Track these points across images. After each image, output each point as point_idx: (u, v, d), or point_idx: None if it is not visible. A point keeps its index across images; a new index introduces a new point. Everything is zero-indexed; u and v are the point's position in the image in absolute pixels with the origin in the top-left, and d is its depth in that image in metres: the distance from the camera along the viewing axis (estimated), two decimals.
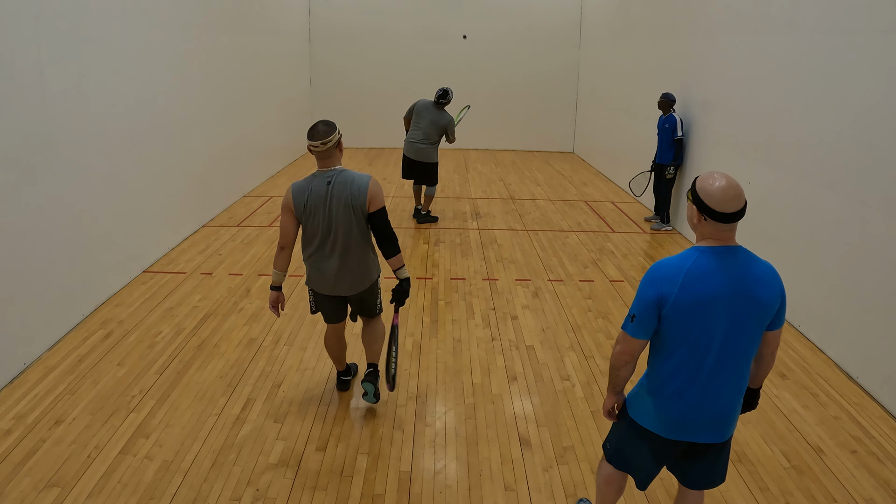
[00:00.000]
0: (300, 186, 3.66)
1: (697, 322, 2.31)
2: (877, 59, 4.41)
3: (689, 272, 2.31)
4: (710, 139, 7.16)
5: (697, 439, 2.46)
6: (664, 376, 2.44)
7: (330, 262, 3.71)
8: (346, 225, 3.63)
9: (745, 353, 2.39)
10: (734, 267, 2.32)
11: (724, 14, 6.82)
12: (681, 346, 2.37)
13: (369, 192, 3.62)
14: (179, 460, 3.55)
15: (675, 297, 2.31)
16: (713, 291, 2.29)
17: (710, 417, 2.42)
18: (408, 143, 7.99)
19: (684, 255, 2.37)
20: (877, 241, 4.38)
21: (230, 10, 8.85)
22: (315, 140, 3.61)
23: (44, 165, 4.71)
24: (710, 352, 2.35)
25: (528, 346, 4.97)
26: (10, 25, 4.32)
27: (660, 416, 2.48)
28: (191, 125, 7.41)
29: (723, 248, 2.35)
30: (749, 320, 2.33)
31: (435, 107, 7.86)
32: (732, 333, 2.33)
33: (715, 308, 2.30)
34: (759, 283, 2.34)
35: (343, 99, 14.08)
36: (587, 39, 13.42)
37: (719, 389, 2.39)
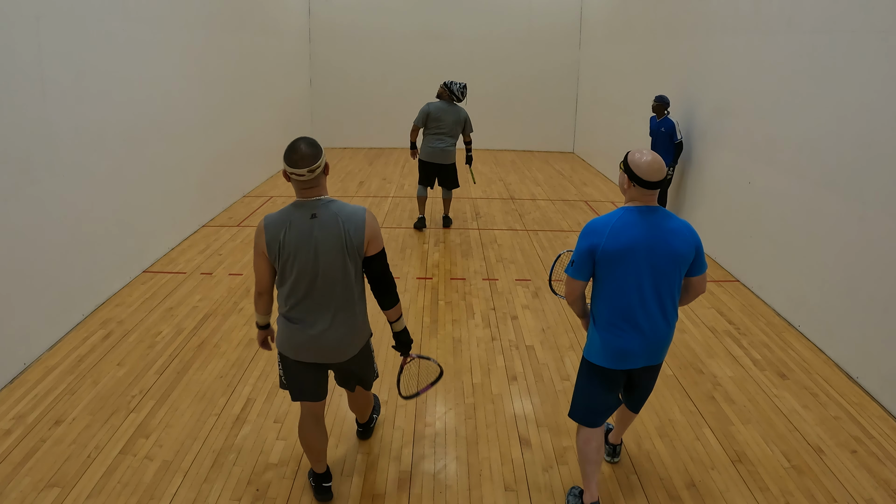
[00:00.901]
0: (274, 220, 2.85)
1: (623, 266, 2.83)
2: (876, 59, 4.42)
3: (614, 226, 2.84)
4: (709, 139, 7.16)
5: (637, 365, 3.00)
6: (605, 314, 2.95)
7: (315, 318, 2.92)
8: (339, 270, 2.87)
9: (669, 293, 2.89)
10: (653, 222, 2.83)
11: (724, 14, 6.82)
12: (614, 288, 2.89)
13: (367, 229, 2.87)
14: (179, 460, 3.55)
15: (603, 246, 2.83)
16: (634, 240, 2.81)
17: (644, 346, 2.95)
18: (432, 149, 7.60)
19: (612, 214, 2.90)
20: (876, 240, 4.38)
21: (230, 10, 8.84)
22: (299, 168, 2.75)
23: (44, 165, 4.71)
24: (639, 292, 2.86)
25: (528, 346, 4.97)
26: (10, 25, 4.32)
27: (605, 351, 2.98)
28: (191, 125, 7.41)
29: (645, 207, 2.86)
30: (668, 266, 2.84)
31: (450, 105, 7.57)
32: (655, 277, 2.84)
33: (636, 254, 2.81)
34: (674, 236, 2.84)
35: (343, 99, 14.08)
36: (587, 39, 13.42)
37: (649, 323, 2.91)
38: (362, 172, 11.55)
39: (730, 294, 6.04)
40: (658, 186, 2.83)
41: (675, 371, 4.62)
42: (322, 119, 14.19)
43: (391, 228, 7.98)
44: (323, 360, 3.01)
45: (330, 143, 14.37)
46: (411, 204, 9.19)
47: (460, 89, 7.53)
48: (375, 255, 2.94)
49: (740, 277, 6.36)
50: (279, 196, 9.50)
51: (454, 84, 7.54)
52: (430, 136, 7.60)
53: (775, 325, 5.39)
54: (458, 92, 7.53)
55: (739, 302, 5.85)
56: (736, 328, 5.32)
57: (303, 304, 2.94)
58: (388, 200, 9.45)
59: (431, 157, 7.64)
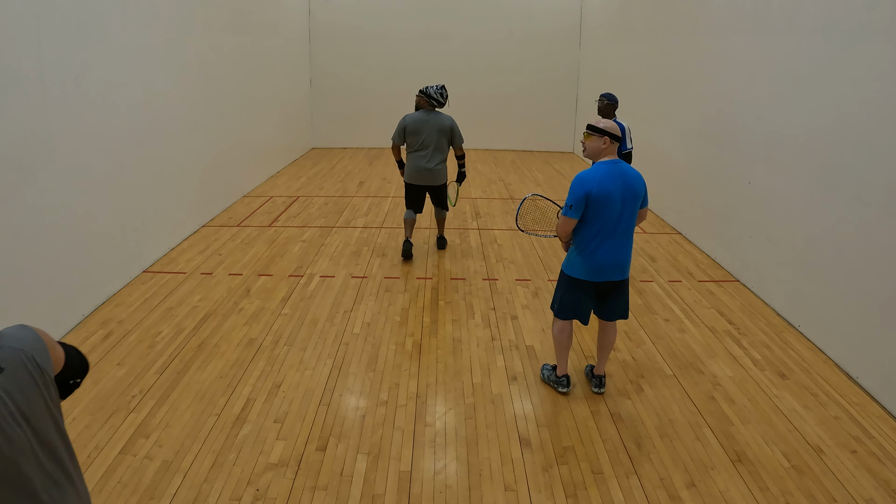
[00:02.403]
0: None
1: (608, 205, 3.83)
2: (877, 59, 4.41)
3: (601, 177, 3.84)
4: (709, 139, 7.16)
5: (611, 278, 3.98)
6: (587, 240, 3.93)
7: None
8: None
9: (631, 221, 3.95)
10: (621, 170, 3.88)
11: (724, 14, 6.82)
12: (598, 221, 3.87)
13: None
14: (179, 460, 3.55)
15: (595, 192, 3.82)
16: (614, 186, 3.84)
17: (615, 263, 3.96)
18: (417, 168, 6.51)
19: (596, 168, 3.91)
20: (876, 241, 4.38)
21: (230, 11, 8.85)
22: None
23: (44, 165, 4.71)
24: (614, 222, 3.88)
25: (528, 346, 4.97)
26: (10, 25, 4.32)
27: (586, 267, 3.97)
28: (191, 125, 7.41)
29: (613, 160, 3.92)
30: (631, 202, 3.89)
31: (430, 114, 6.53)
32: (624, 210, 3.87)
33: (614, 196, 3.83)
34: (634, 180, 3.90)
35: (343, 99, 14.08)
36: (587, 40, 13.42)
37: (619, 245, 3.94)
38: (362, 172, 11.55)
39: (730, 294, 6.04)
40: (616, 141, 3.95)
41: (675, 371, 4.62)
42: (322, 119, 14.19)
43: (391, 228, 7.98)
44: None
45: (330, 143, 14.38)
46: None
47: (438, 91, 6.53)
48: None
49: (740, 277, 6.36)
50: (279, 196, 9.51)
51: (430, 88, 6.54)
52: (413, 153, 6.55)
53: (775, 325, 5.39)
54: (436, 95, 6.51)
55: (739, 302, 5.85)
56: (736, 328, 5.32)
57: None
58: (388, 200, 9.45)
59: (417, 178, 6.59)
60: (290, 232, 7.69)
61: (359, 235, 7.68)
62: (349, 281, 6.21)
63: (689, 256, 7.12)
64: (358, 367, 4.60)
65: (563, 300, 4.12)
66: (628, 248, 3.97)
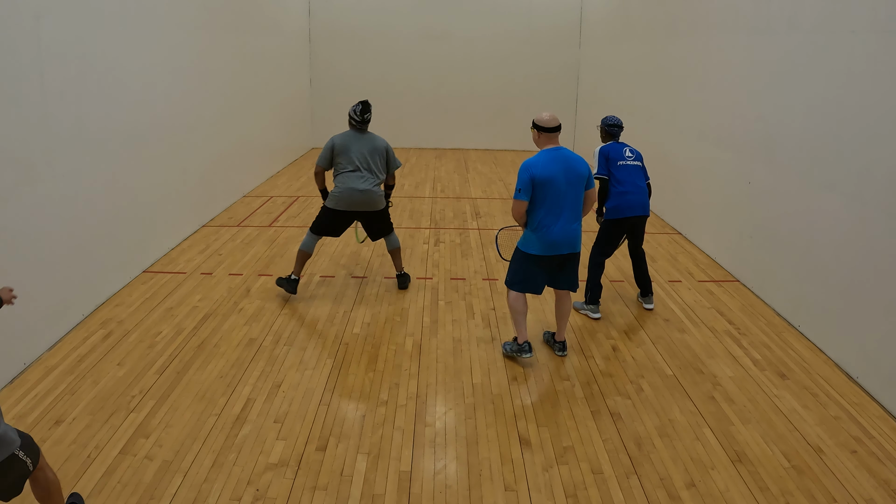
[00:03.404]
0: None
1: (552, 187, 4.36)
2: (877, 59, 4.41)
3: (543, 162, 4.39)
4: (709, 139, 7.16)
5: (562, 251, 4.48)
6: (539, 219, 4.44)
7: None
8: None
9: (578, 201, 4.48)
10: (563, 157, 4.43)
11: (724, 14, 6.82)
12: (546, 201, 4.40)
13: None
14: (179, 460, 3.55)
15: (538, 175, 4.35)
16: (556, 170, 4.37)
17: (566, 238, 4.47)
18: (349, 190, 5.53)
19: (540, 154, 4.45)
20: (877, 240, 4.38)
21: (230, 10, 8.84)
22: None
23: (44, 165, 4.71)
24: (561, 202, 4.40)
25: None
26: (10, 25, 4.32)
27: (540, 243, 4.46)
28: (191, 125, 7.41)
29: (554, 147, 4.47)
30: (576, 183, 4.43)
31: (361, 134, 5.68)
32: (569, 191, 4.40)
33: (558, 178, 4.37)
34: (576, 163, 4.45)
35: (343, 99, 14.01)
36: (587, 39, 13.42)
37: (568, 222, 4.46)
38: None
39: (730, 294, 6.04)
40: (558, 130, 4.47)
41: (675, 371, 4.62)
42: (322, 119, 14.19)
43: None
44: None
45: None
46: (411, 204, 9.19)
47: (353, 109, 5.62)
48: None
49: (740, 277, 6.36)
50: (279, 196, 9.50)
51: (360, 104, 5.65)
52: (343, 175, 5.60)
53: (775, 325, 5.39)
54: (353, 115, 5.63)
55: (739, 302, 5.85)
56: (736, 328, 5.32)
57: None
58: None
59: (348, 202, 5.57)
60: (290, 232, 7.69)
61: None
62: (349, 281, 6.21)
63: (689, 256, 7.12)
64: (358, 367, 4.60)
65: (518, 274, 4.60)
66: (577, 224, 4.51)
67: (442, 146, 14.26)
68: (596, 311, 5.48)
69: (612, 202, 5.38)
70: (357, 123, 5.65)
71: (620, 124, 5.65)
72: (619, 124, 5.64)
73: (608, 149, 5.48)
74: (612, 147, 5.49)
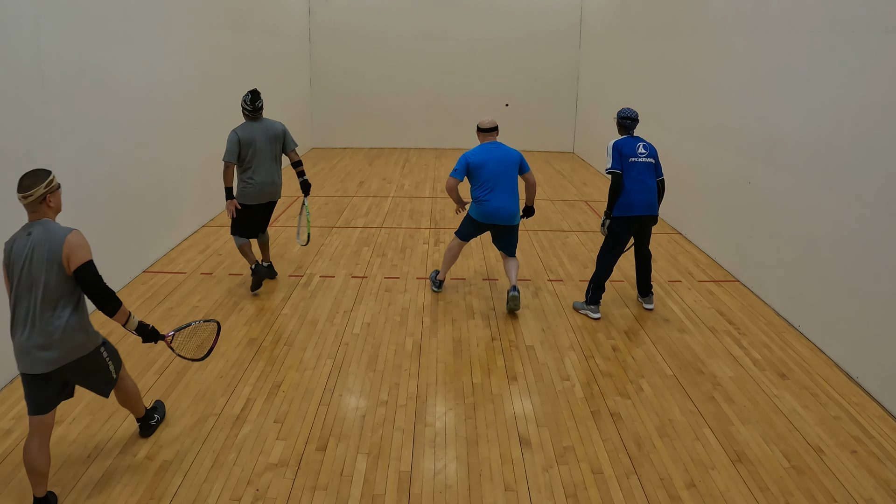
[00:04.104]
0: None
1: (484, 167, 5.42)
2: (877, 59, 4.41)
3: (477, 151, 5.45)
4: (709, 139, 7.16)
5: (495, 222, 5.48)
6: (479, 193, 5.44)
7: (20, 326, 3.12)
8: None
9: (511, 181, 5.47)
10: (495, 147, 5.47)
11: (724, 14, 6.82)
12: (482, 179, 5.45)
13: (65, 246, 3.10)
14: (179, 460, 3.55)
15: (472, 160, 5.41)
16: (487, 157, 5.41)
17: (499, 212, 5.43)
18: (260, 184, 5.61)
19: (477, 147, 5.49)
20: (876, 240, 4.38)
21: (230, 11, 8.84)
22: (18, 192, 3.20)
23: (44, 165, 4.70)
24: (493, 182, 5.42)
25: (528, 346, 4.97)
26: (10, 25, 4.32)
27: (481, 213, 5.47)
28: (191, 125, 7.41)
29: (490, 142, 5.51)
30: (508, 165, 5.48)
31: (256, 122, 5.63)
32: (501, 172, 5.44)
33: (488, 162, 5.40)
34: (507, 151, 5.51)
35: (343, 99, 14.08)
36: (587, 40, 13.42)
37: (505, 197, 5.41)
38: (362, 172, 11.55)
39: (730, 294, 6.04)
40: (493, 131, 5.56)
41: (675, 371, 4.62)
42: (322, 119, 14.20)
43: (391, 229, 7.98)
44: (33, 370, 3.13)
45: (330, 143, 14.38)
46: (411, 204, 9.19)
47: (245, 101, 5.57)
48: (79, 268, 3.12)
49: (740, 277, 6.36)
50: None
51: (249, 93, 5.59)
52: (251, 168, 5.60)
53: (775, 325, 5.39)
54: (246, 105, 5.58)
55: (739, 302, 5.85)
56: (736, 328, 5.32)
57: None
58: (388, 200, 9.45)
59: (259, 195, 5.67)
60: (291, 232, 7.69)
61: (359, 235, 7.68)
62: (349, 281, 6.21)
63: (689, 256, 7.12)
64: (358, 367, 4.60)
65: (464, 230, 5.74)
66: (511, 200, 5.42)
67: (442, 146, 14.26)
68: (596, 312, 5.48)
69: (619, 200, 5.32)
70: (250, 112, 5.60)
71: (634, 117, 5.49)
72: (633, 116, 5.48)
73: (622, 143, 5.39)
74: (625, 142, 5.39)
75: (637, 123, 5.49)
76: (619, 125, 5.53)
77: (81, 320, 3.21)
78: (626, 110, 5.51)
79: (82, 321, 3.22)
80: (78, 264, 3.12)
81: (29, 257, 3.09)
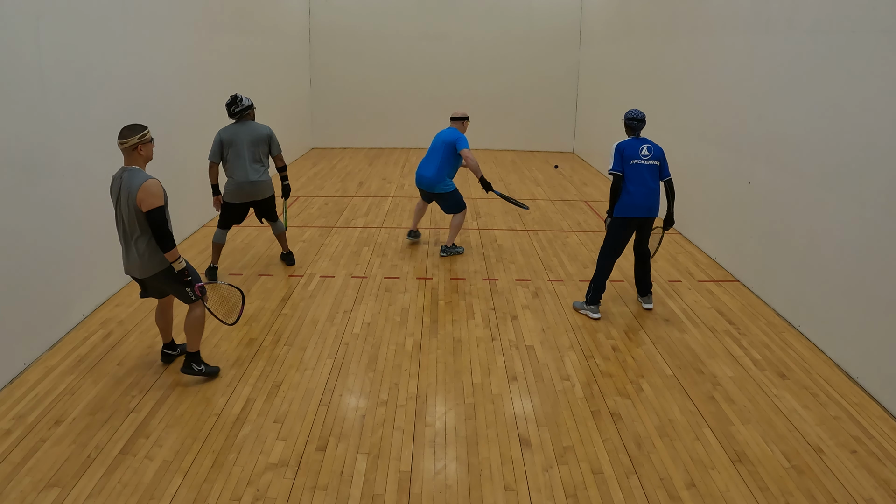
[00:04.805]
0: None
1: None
2: (876, 58, 4.41)
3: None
4: (709, 139, 7.16)
5: (423, 188, 6.92)
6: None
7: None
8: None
9: (436, 156, 6.78)
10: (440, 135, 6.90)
11: (724, 14, 6.82)
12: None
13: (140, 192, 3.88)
14: (179, 460, 3.55)
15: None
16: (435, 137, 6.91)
17: (422, 180, 6.85)
18: (238, 183, 5.92)
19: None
20: (876, 240, 4.38)
21: (230, 11, 8.84)
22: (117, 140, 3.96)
23: (44, 165, 4.71)
24: (428, 158, 6.86)
25: (528, 346, 4.97)
26: (10, 25, 4.32)
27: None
28: (191, 125, 7.40)
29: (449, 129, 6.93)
30: (439, 146, 6.77)
31: (240, 124, 5.93)
32: (434, 150, 6.84)
33: (436, 142, 6.86)
34: (446, 134, 6.79)
35: (343, 99, 14.08)
36: (587, 39, 13.42)
37: (424, 169, 6.85)
38: (362, 172, 11.55)
39: (730, 294, 6.04)
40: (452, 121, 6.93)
41: (675, 371, 4.62)
42: (322, 119, 14.20)
43: (391, 229, 7.98)
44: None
45: (330, 143, 14.38)
46: (411, 204, 9.19)
47: (230, 104, 5.91)
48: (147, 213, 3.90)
49: (740, 277, 6.36)
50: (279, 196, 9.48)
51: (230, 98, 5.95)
52: (232, 168, 5.94)
53: (775, 325, 5.39)
54: (227, 109, 5.93)
55: (739, 302, 5.85)
56: (736, 328, 5.32)
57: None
58: (388, 200, 9.45)
59: (239, 194, 5.97)
60: (290, 232, 7.69)
61: (359, 235, 7.68)
62: (349, 281, 6.21)
63: (689, 256, 7.13)
64: (358, 367, 4.60)
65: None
66: (433, 175, 6.74)
67: None
68: (596, 312, 5.48)
69: (620, 201, 5.35)
70: (231, 116, 5.96)
71: (641, 118, 5.45)
72: (640, 118, 5.44)
73: (625, 145, 5.38)
74: (629, 144, 5.38)
75: (644, 125, 5.46)
76: (627, 126, 5.51)
77: (154, 246, 4.01)
78: (633, 111, 5.47)
79: (155, 247, 4.02)
80: (148, 209, 3.90)
81: (117, 195, 4.00)
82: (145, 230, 3.98)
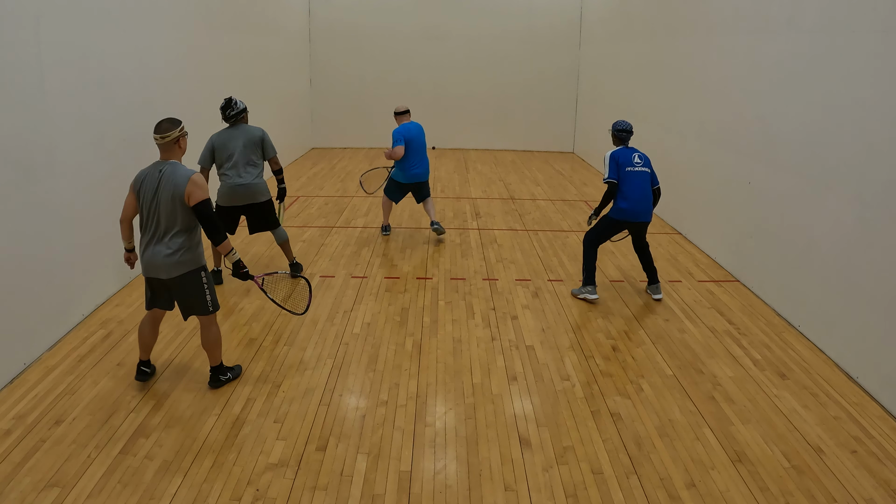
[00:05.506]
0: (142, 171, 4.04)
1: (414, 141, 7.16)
2: (876, 59, 4.41)
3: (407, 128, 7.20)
4: (709, 139, 7.16)
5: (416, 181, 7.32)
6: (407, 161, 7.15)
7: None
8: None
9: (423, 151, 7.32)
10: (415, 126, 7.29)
11: (724, 14, 6.82)
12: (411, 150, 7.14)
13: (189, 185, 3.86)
14: (179, 460, 3.55)
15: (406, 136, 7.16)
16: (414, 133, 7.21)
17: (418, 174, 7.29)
18: (231, 187, 5.76)
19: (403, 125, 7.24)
20: (876, 240, 4.38)
21: (230, 10, 8.84)
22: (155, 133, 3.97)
23: (44, 165, 4.70)
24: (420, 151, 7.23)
25: (528, 346, 4.97)
26: (10, 25, 4.32)
27: (405, 176, 7.22)
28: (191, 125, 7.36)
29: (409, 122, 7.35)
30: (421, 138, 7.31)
31: (236, 128, 5.85)
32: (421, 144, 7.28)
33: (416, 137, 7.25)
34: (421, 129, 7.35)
35: (343, 99, 14.08)
36: (587, 39, 13.42)
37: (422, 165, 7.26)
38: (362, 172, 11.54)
39: (730, 294, 6.04)
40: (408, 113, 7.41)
41: (675, 371, 4.62)
42: (322, 119, 14.20)
43: (391, 229, 7.97)
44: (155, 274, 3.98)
45: (330, 143, 14.38)
46: (412, 204, 9.19)
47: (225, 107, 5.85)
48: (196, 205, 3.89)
49: (740, 277, 6.36)
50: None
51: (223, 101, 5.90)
52: (225, 173, 5.82)
53: (775, 325, 5.39)
54: (221, 114, 5.88)
55: (739, 302, 5.85)
56: (736, 328, 5.32)
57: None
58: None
59: (232, 198, 5.80)
60: (291, 232, 7.69)
61: (359, 235, 7.68)
62: (349, 281, 6.21)
63: (689, 256, 7.12)
64: (358, 367, 4.60)
65: (390, 190, 7.42)
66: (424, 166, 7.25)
67: (442, 145, 14.26)
68: (593, 293, 5.69)
69: (616, 206, 5.57)
70: (225, 119, 5.87)
71: (630, 129, 5.74)
72: (629, 129, 5.73)
73: (618, 154, 5.65)
74: (621, 152, 5.65)
75: (632, 135, 5.79)
76: (615, 137, 5.79)
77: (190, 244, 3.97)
78: (622, 123, 5.75)
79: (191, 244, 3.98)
80: (197, 201, 3.88)
81: (155, 190, 3.89)
82: (186, 225, 3.93)
